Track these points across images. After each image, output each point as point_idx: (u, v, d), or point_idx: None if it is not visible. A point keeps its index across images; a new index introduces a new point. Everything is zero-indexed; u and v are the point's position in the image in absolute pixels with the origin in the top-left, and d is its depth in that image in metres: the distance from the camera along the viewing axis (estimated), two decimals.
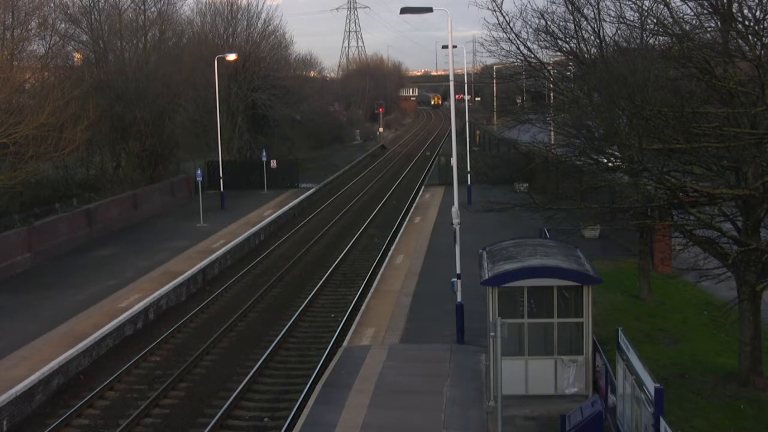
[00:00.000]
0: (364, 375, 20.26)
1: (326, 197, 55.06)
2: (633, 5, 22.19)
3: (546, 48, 28.56)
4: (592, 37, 26.73)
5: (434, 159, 71.25)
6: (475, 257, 21.18)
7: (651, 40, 23.39)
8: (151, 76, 50.59)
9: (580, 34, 26.93)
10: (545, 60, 30.57)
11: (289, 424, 18.27)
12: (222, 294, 30.46)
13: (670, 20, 18.41)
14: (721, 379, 18.98)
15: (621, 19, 24.42)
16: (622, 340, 15.15)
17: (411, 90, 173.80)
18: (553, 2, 28.05)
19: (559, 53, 29.32)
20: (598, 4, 26.06)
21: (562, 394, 17.88)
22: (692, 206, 17.91)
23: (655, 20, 19.37)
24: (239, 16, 63.78)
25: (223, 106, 52.77)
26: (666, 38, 19.66)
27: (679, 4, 19.03)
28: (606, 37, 26.51)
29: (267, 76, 62.93)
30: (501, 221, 32.66)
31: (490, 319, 17.09)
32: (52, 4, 46.45)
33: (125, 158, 52.61)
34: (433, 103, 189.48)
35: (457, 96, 78.95)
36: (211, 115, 50.46)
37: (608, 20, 26.38)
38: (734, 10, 17.08)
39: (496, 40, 28.68)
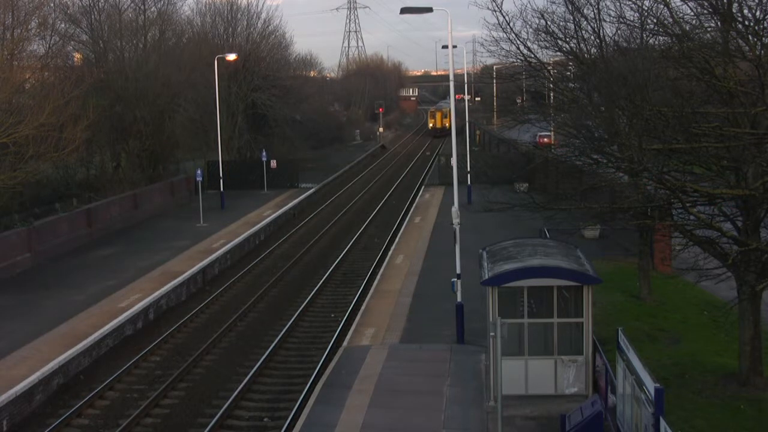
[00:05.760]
0: (364, 375, 20.26)
1: (326, 197, 55.06)
2: (633, 5, 22.18)
3: (546, 48, 28.55)
4: (592, 37, 26.72)
5: (434, 159, 71.27)
6: (475, 257, 21.18)
7: (651, 40, 23.37)
8: (151, 76, 50.60)
9: (580, 34, 26.92)
10: (545, 60, 30.54)
11: (289, 424, 18.28)
12: (222, 294, 30.46)
13: (670, 20, 18.41)
14: (721, 379, 18.97)
15: (621, 19, 24.41)
16: (622, 340, 15.14)
17: (411, 90, 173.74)
18: (553, 2, 28.08)
19: (559, 53, 29.30)
20: (598, 4, 26.06)
21: (562, 394, 17.87)
22: (692, 206, 17.92)
23: (655, 20, 19.37)
24: (239, 16, 63.83)
25: (223, 106, 52.78)
26: (666, 38, 19.66)
27: (679, 4, 19.05)
28: (606, 37, 26.51)
29: (267, 76, 62.94)
30: (501, 221, 32.64)
31: (490, 319, 17.09)
32: (52, 4, 46.46)
33: (125, 158, 52.63)
34: (431, 125, 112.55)
35: (457, 96, 78.94)
36: (211, 115, 50.47)
37: (608, 20, 26.37)
38: (734, 10, 17.08)
39: (496, 40, 28.67)
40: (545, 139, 59.54)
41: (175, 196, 49.11)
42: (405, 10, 24.66)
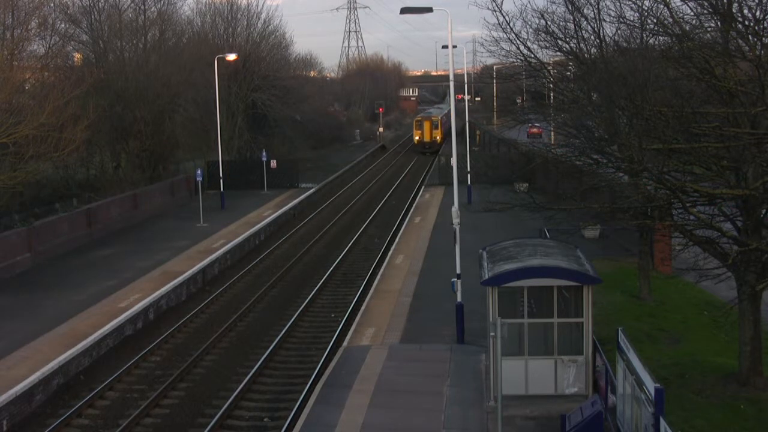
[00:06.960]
0: (364, 375, 20.26)
1: (326, 197, 55.05)
2: (633, 5, 22.20)
3: (546, 48, 28.60)
4: (592, 37, 26.74)
5: (434, 159, 71.26)
6: (475, 257, 21.18)
7: (651, 40, 23.39)
8: (151, 76, 50.64)
9: (580, 34, 26.94)
10: (545, 60, 30.58)
11: (289, 424, 18.28)
12: (222, 294, 30.46)
13: (670, 20, 18.40)
14: (721, 379, 18.97)
15: (621, 19, 24.43)
16: (622, 340, 15.15)
17: (411, 90, 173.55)
18: (553, 2, 28.11)
19: (559, 53, 29.34)
20: (598, 4, 26.09)
21: (562, 394, 17.87)
22: (692, 206, 17.92)
23: (655, 20, 19.37)
24: (239, 16, 63.91)
25: (223, 106, 52.78)
26: (666, 38, 19.66)
27: (679, 4, 19.05)
28: (606, 37, 26.54)
29: (267, 76, 62.98)
30: (501, 221, 32.66)
31: (490, 319, 17.09)
32: (52, 4, 46.53)
33: (125, 158, 52.65)
34: (417, 138, 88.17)
35: (457, 96, 78.83)
36: (211, 115, 50.49)
37: (608, 20, 26.40)
38: (734, 10, 17.07)
39: (496, 40, 28.72)
40: (534, 130, 61.08)
41: (175, 196, 49.11)
42: (405, 10, 24.66)
